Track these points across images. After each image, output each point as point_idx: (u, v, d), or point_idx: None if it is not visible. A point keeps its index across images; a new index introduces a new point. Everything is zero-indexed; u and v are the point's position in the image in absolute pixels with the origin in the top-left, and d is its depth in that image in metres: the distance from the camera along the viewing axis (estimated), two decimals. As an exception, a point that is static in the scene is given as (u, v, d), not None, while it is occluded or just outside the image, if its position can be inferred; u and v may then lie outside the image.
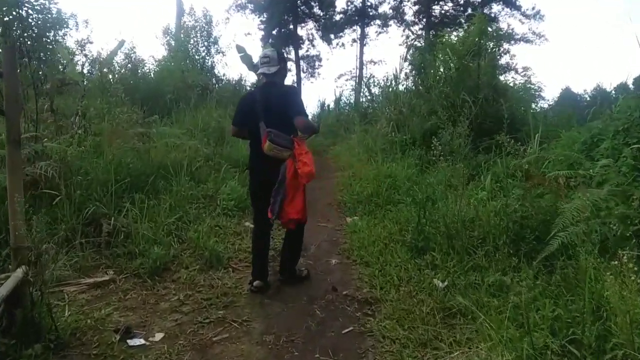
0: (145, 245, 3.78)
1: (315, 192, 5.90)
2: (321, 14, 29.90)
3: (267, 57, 3.32)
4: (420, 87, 7.40)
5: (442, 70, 6.91)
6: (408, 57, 9.16)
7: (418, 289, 3.15)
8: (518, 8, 25.89)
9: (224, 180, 5.51)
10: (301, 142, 3.23)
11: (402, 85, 10.08)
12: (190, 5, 12.44)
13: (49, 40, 2.66)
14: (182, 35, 11.63)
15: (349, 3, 29.19)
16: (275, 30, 29.56)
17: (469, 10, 28.10)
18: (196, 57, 12.18)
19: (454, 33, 9.88)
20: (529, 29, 26.08)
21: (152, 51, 30.43)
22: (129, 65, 9.11)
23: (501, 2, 27.89)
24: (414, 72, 8.61)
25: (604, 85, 17.49)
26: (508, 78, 6.86)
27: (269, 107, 3.19)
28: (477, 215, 3.79)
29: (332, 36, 28.63)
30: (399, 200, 5.08)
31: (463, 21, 26.20)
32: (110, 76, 8.02)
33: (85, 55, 11.26)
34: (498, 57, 6.76)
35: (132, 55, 9.49)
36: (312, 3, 30.00)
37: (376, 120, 9.38)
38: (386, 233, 4.30)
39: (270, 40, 27.28)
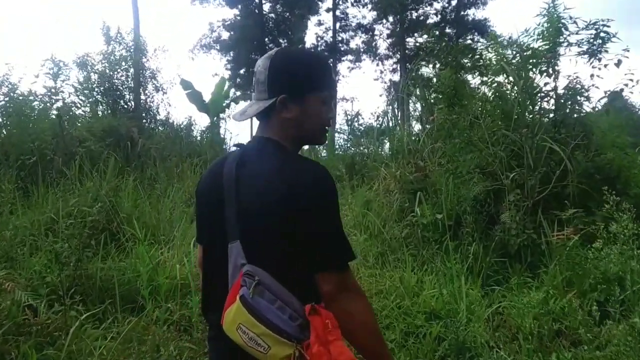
0: None
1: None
2: (290, 51, 28.28)
3: (255, 73, 1.10)
4: (446, 129, 4.54)
5: (491, 99, 4.14)
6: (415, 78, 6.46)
7: None
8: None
9: None
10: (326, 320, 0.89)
11: (399, 125, 7.37)
12: (118, 28, 9.31)
13: None
14: (80, 60, 8.50)
15: (319, 38, 27.90)
16: (243, 70, 27.92)
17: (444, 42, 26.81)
18: (123, 93, 9.18)
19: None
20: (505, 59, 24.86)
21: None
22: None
23: (476, 33, 26.88)
24: (429, 105, 5.86)
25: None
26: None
27: (241, 206, 1.00)
28: None
29: (301, 73, 26.80)
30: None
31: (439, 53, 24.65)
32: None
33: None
34: (576, 76, 3.99)
35: (11, 92, 6.38)
36: (280, 40, 28.60)
37: (370, 176, 6.49)
38: None
39: (238, 80, 25.77)
